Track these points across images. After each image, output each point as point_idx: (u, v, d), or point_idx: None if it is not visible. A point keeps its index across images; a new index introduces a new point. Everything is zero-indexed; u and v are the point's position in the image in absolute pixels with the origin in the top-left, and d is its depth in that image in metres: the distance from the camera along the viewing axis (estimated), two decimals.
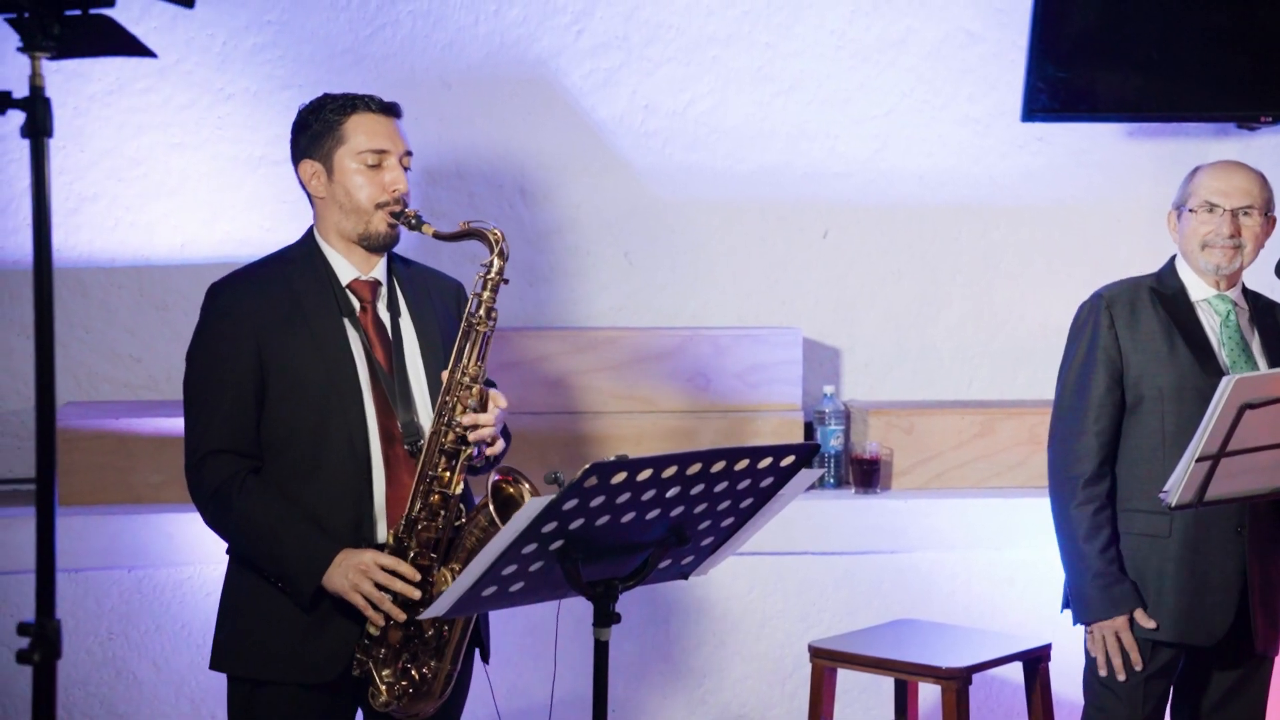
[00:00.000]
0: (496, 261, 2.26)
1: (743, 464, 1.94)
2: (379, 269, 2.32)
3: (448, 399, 2.21)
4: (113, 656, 3.04)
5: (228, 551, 2.31)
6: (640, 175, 3.51)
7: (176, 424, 3.02)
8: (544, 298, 3.49)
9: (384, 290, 2.32)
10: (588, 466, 1.79)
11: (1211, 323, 2.62)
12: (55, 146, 3.24)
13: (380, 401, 2.24)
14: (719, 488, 1.95)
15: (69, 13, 1.31)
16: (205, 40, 3.31)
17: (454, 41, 3.41)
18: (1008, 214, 3.64)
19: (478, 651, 2.34)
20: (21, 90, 1.35)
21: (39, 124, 1.33)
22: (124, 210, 3.29)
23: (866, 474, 3.33)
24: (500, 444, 2.27)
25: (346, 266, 2.30)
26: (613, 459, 1.80)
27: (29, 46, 1.33)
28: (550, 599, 2.04)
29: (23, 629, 1.37)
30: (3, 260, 3.24)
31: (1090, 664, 2.64)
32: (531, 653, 3.12)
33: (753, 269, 3.57)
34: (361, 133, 2.27)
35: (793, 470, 2.00)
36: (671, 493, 1.90)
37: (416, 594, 2.17)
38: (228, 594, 2.30)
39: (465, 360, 2.23)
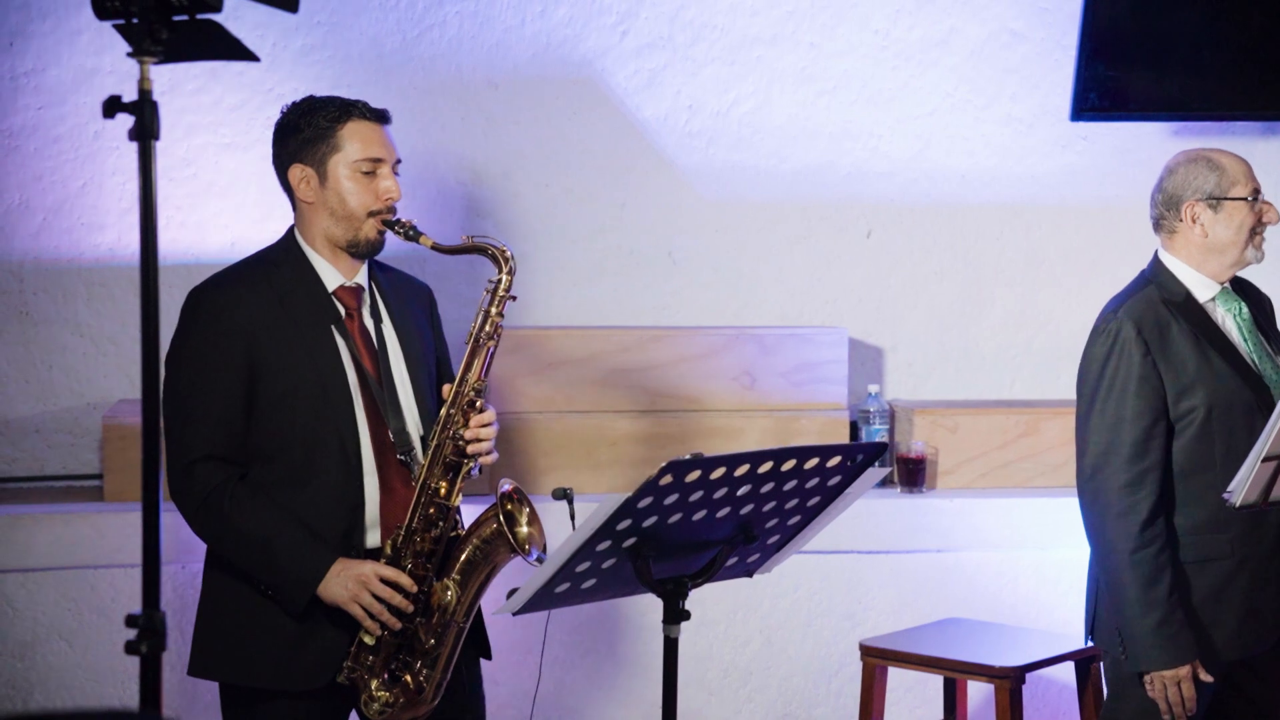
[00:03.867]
0: (505, 279, 2.24)
1: (812, 463, 1.95)
2: (361, 274, 2.31)
3: (452, 412, 2.21)
4: (167, 651, 3.06)
5: (207, 556, 2.29)
6: (684, 175, 3.53)
7: None
8: (588, 297, 3.50)
9: (367, 296, 2.31)
10: (664, 465, 1.81)
11: (1227, 324, 2.51)
12: (108, 148, 3.30)
13: (370, 409, 2.23)
14: (788, 486, 1.96)
15: (176, 18, 1.33)
16: (255, 41, 3.32)
17: (501, 42, 3.43)
18: (1051, 213, 3.64)
19: (479, 649, 2.35)
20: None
21: (146, 127, 1.35)
22: (175, 210, 3.32)
23: (912, 473, 3.34)
24: (495, 455, 2.27)
25: (332, 272, 2.28)
26: (688, 457, 1.82)
27: (137, 52, 1.35)
28: (619, 596, 2.06)
29: (130, 620, 1.39)
30: (56, 259, 3.28)
31: (1129, 700, 2.50)
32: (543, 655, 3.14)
33: (796, 268, 3.58)
34: (357, 140, 2.25)
35: (860, 469, 2.01)
36: (742, 491, 1.92)
37: (410, 606, 2.17)
38: (207, 599, 2.28)
39: (471, 374, 2.22)
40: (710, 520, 1.93)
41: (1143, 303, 2.48)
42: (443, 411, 2.22)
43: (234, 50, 1.39)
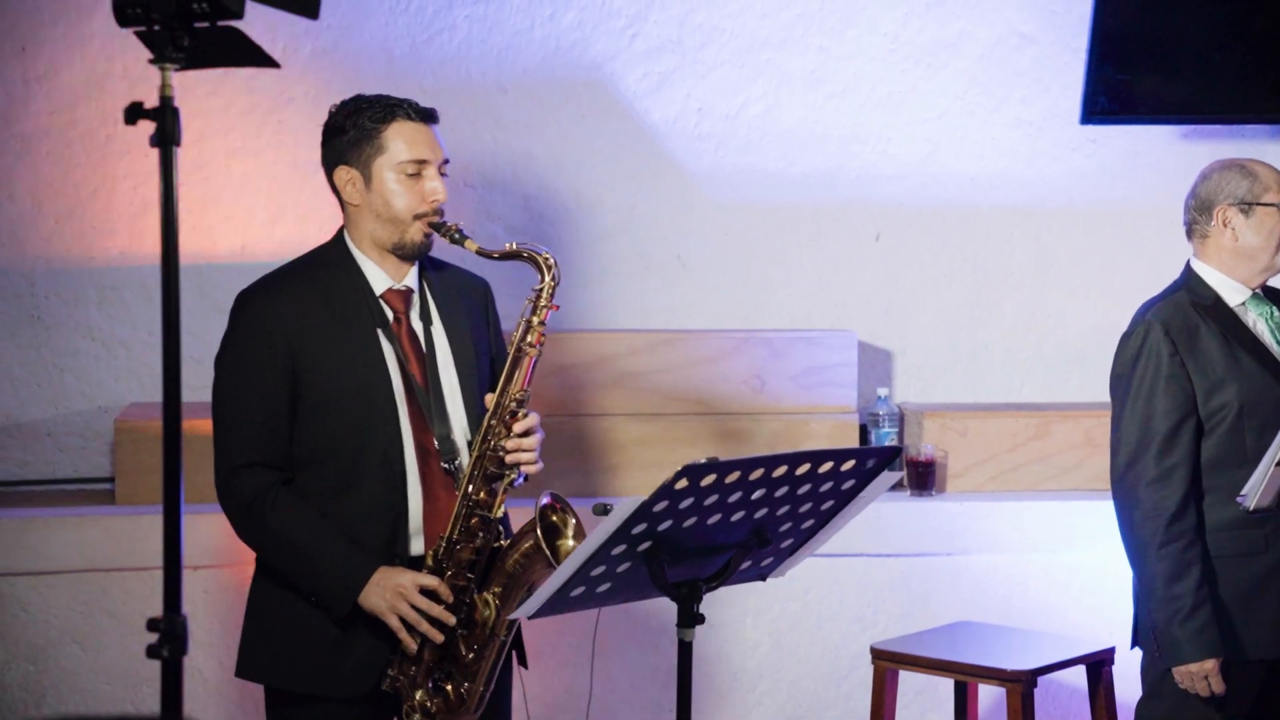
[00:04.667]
0: (549, 287, 2.22)
1: (826, 466, 1.96)
2: (410, 276, 2.28)
3: (493, 423, 2.19)
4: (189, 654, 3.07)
5: (256, 559, 2.28)
6: (693, 178, 3.53)
7: None
8: (598, 300, 3.51)
9: (416, 298, 2.28)
10: (679, 469, 1.81)
11: (1259, 327, 2.56)
12: (120, 152, 3.31)
13: (415, 416, 2.21)
14: (802, 490, 1.97)
15: (197, 25, 1.33)
16: (265, 45, 3.26)
17: (510, 46, 3.44)
18: (1060, 217, 3.64)
19: (515, 657, 2.32)
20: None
21: (168, 133, 1.35)
22: (185, 213, 3.32)
23: (922, 476, 3.34)
24: (539, 465, 2.24)
25: (380, 275, 2.26)
26: (703, 461, 1.82)
27: (159, 59, 1.36)
28: (633, 600, 2.06)
29: (152, 624, 1.39)
30: (67, 262, 3.29)
31: (1166, 696, 2.54)
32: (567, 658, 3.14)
33: (805, 271, 3.58)
34: (402, 141, 2.22)
35: (874, 472, 2.02)
36: (757, 494, 1.92)
37: (452, 619, 2.16)
38: (255, 603, 2.27)
39: (513, 385, 2.20)
40: (725, 524, 1.94)
41: (1172, 306, 2.55)
42: (484, 422, 2.20)
43: (255, 57, 1.39)
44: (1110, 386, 2.60)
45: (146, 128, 3.69)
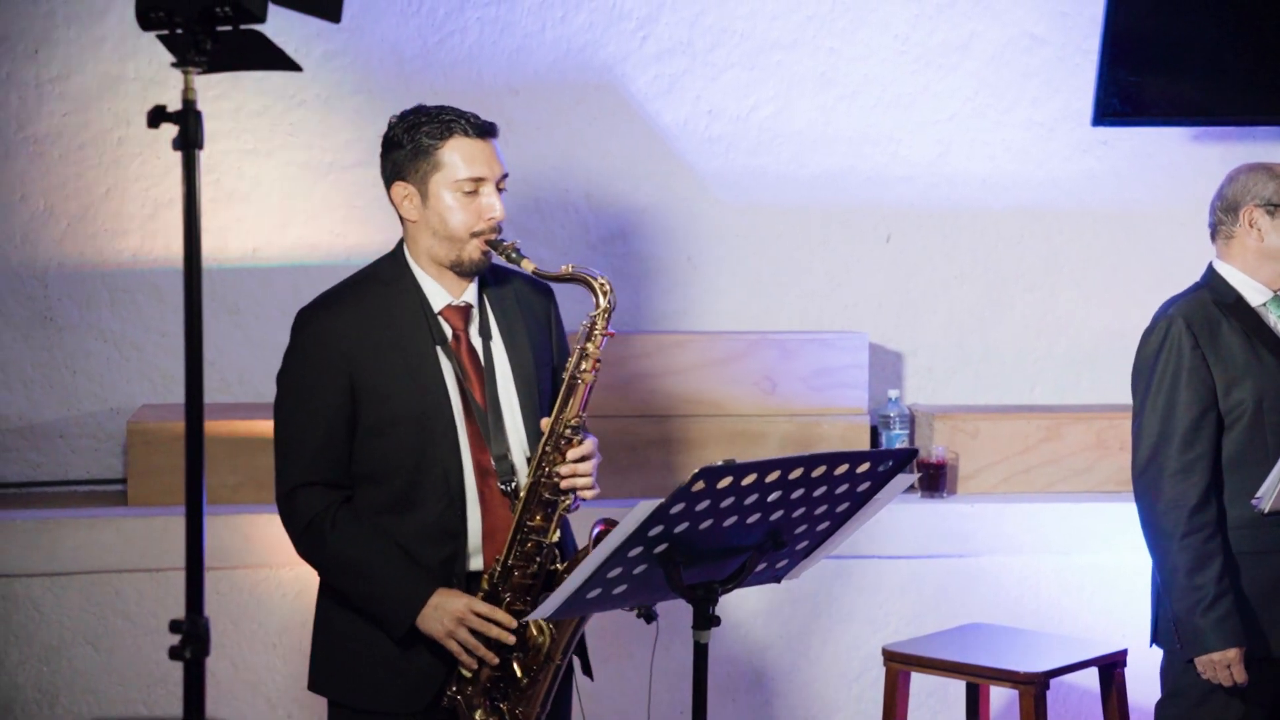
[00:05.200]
0: (604, 313, 2.20)
1: (842, 468, 1.96)
2: (470, 292, 2.26)
3: (548, 450, 2.18)
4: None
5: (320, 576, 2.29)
6: (704, 180, 3.53)
7: (251, 426, 3.09)
8: None
9: (475, 314, 2.27)
10: (696, 471, 1.81)
11: (1279, 327, 2.59)
12: (132, 154, 3.32)
13: (474, 435, 2.20)
14: (818, 492, 1.97)
15: (220, 29, 1.34)
16: None
17: (521, 48, 3.44)
18: (1071, 218, 3.64)
19: (579, 666, 2.32)
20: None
21: (190, 137, 1.36)
22: None
23: (933, 478, 3.34)
24: (595, 490, 2.22)
25: (439, 291, 2.24)
26: (720, 464, 1.82)
27: (182, 62, 1.36)
28: (649, 601, 2.06)
29: (175, 626, 1.39)
30: (79, 264, 3.29)
31: (1186, 696, 2.55)
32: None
33: (815, 273, 3.59)
34: (459, 158, 2.18)
35: (889, 475, 2.02)
36: (773, 497, 1.92)
37: (511, 639, 2.15)
38: (320, 618, 2.28)
39: (567, 411, 2.19)
40: (741, 526, 1.94)
41: (1194, 303, 2.58)
42: (538, 447, 2.19)
43: (277, 60, 1.39)
44: (1131, 381, 2.62)
45: (158, 130, 3.70)
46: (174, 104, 3.55)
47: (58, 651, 3.04)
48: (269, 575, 3.11)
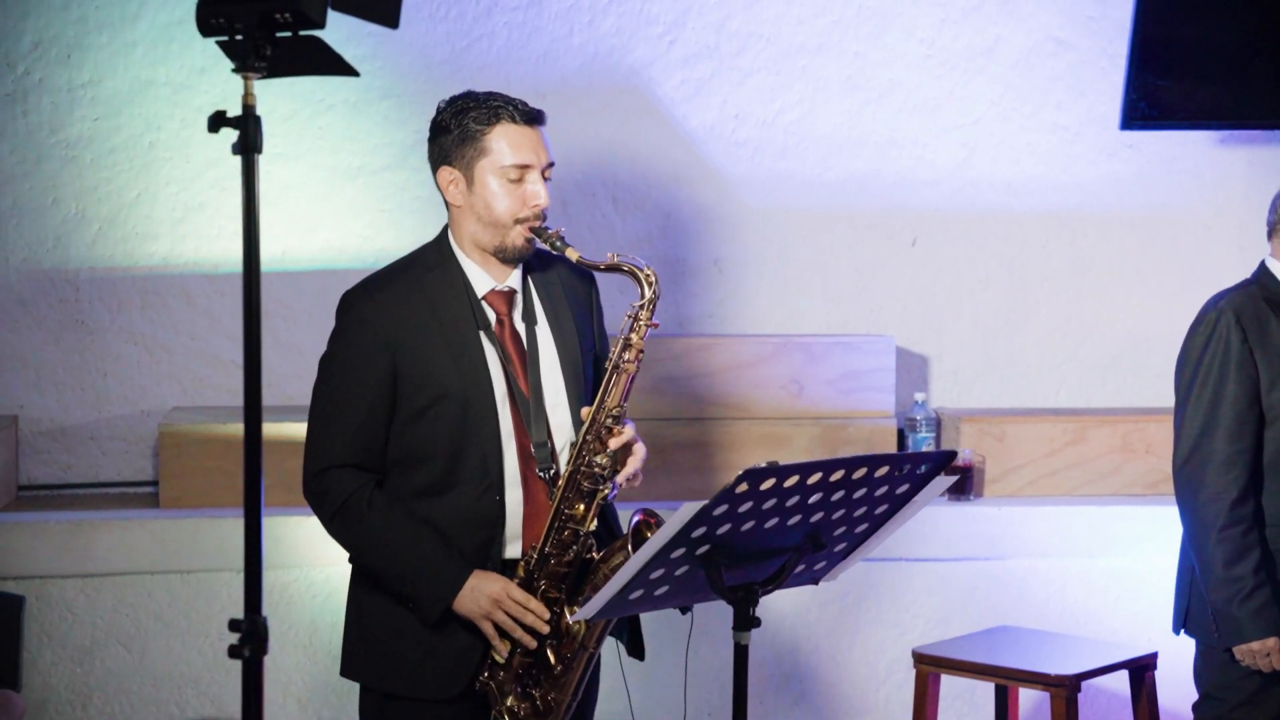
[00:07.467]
0: (649, 303, 2.21)
1: (883, 471, 1.96)
2: (514, 277, 2.27)
3: (588, 439, 2.17)
4: (223, 657, 3.10)
5: (350, 560, 2.29)
6: (730, 184, 3.55)
7: (280, 429, 3.09)
8: None
9: (520, 299, 2.27)
10: (740, 473, 1.82)
11: None
12: (163, 158, 3.34)
13: (517, 421, 2.20)
14: (858, 494, 1.97)
15: (280, 34, 1.35)
16: None
17: (549, 52, 3.46)
18: (1096, 222, 3.65)
19: (623, 650, 2.33)
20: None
21: (250, 141, 1.37)
22: (227, 220, 3.35)
23: (959, 481, 3.35)
24: (639, 478, 2.23)
25: (483, 276, 2.24)
26: (764, 465, 1.83)
27: (241, 68, 1.38)
28: (689, 603, 2.07)
29: (234, 625, 1.41)
30: (111, 268, 3.31)
31: (1221, 698, 2.56)
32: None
33: (841, 277, 3.59)
34: (505, 144, 2.19)
35: (928, 477, 2.02)
36: (814, 499, 1.93)
37: (546, 628, 2.16)
38: (352, 604, 2.28)
39: (609, 400, 2.18)
40: (781, 528, 1.95)
41: (1244, 297, 2.58)
42: (578, 436, 2.19)
43: (335, 65, 1.41)
44: (1175, 372, 2.62)
45: (186, 134, 3.71)
46: (206, 109, 3.55)
47: (90, 653, 3.06)
48: (300, 576, 3.12)
